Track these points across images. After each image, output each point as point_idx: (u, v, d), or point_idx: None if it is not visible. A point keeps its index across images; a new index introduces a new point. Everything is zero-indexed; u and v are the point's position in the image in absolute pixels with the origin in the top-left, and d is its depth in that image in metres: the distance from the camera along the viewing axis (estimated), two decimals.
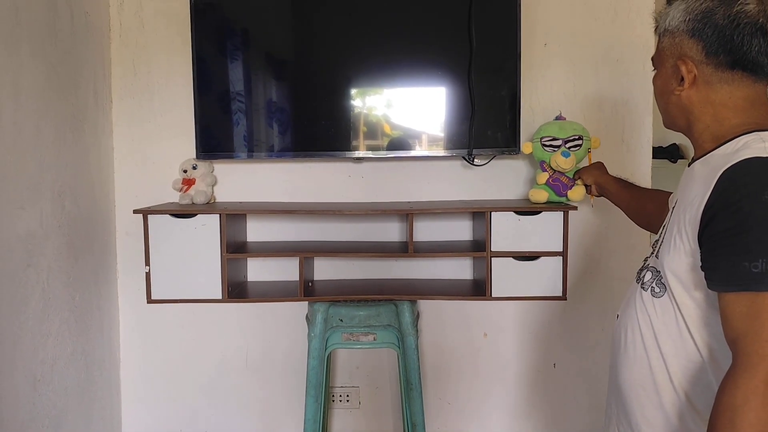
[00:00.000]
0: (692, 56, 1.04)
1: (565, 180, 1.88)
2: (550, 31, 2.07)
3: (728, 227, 0.92)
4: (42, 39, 1.73)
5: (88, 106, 1.98)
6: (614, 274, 2.12)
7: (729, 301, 0.92)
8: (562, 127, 1.88)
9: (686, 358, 1.03)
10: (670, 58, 1.08)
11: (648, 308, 1.09)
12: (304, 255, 1.89)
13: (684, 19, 1.04)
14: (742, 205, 0.91)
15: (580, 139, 1.86)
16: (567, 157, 1.83)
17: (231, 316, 2.19)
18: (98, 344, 2.06)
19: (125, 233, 2.15)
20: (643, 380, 1.09)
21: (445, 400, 2.22)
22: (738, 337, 0.90)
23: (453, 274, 2.15)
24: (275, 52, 2.01)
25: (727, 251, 0.92)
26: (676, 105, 1.10)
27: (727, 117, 1.04)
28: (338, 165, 2.13)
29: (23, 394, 1.65)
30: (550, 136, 1.87)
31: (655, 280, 1.09)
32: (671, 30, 1.07)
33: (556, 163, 1.85)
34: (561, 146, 1.86)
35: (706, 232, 0.95)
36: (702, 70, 1.04)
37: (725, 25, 1.00)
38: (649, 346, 1.08)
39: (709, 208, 0.94)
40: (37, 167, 1.71)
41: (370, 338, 1.92)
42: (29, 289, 1.69)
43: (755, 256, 0.88)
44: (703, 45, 1.02)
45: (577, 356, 2.18)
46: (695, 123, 1.08)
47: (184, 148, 2.09)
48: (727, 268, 0.92)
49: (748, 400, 0.86)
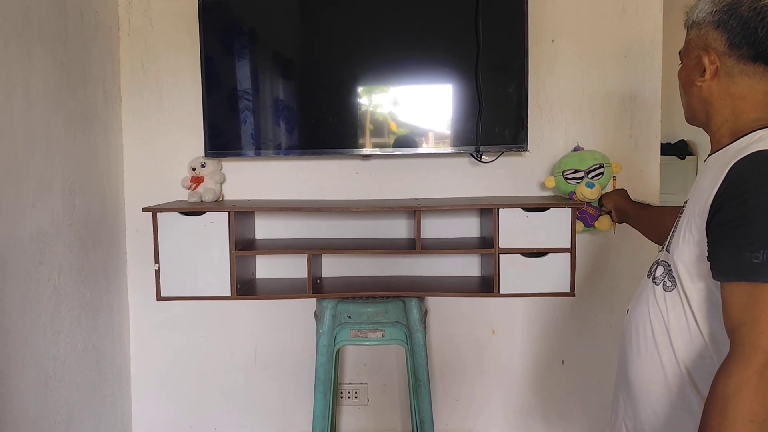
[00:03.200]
0: (716, 48, 1.05)
1: (591, 211, 1.92)
2: (557, 28, 2.07)
3: (733, 218, 0.93)
4: (52, 38, 1.75)
5: (97, 104, 1.99)
6: (623, 270, 2.12)
7: (729, 291, 0.93)
8: (582, 158, 1.91)
9: (696, 353, 1.04)
10: (695, 50, 1.10)
11: (659, 303, 1.09)
12: (312, 252, 1.90)
13: (711, 11, 1.06)
14: (748, 197, 0.92)
15: (601, 167, 1.89)
16: (592, 188, 1.87)
17: (240, 313, 2.20)
18: (109, 341, 2.08)
19: (135, 230, 2.17)
20: (654, 375, 1.10)
21: (454, 397, 2.22)
22: (735, 327, 0.91)
23: (461, 270, 2.15)
24: (282, 51, 2.01)
25: (730, 242, 0.93)
26: (697, 97, 1.11)
27: (746, 111, 1.05)
28: (345, 162, 2.13)
29: (35, 391, 1.67)
30: (572, 169, 1.91)
31: (667, 275, 1.09)
32: (698, 22, 1.09)
33: (582, 195, 1.88)
34: (584, 177, 1.88)
35: (712, 223, 0.96)
36: (724, 62, 1.05)
37: (750, 17, 1.01)
38: (660, 341, 1.08)
39: (717, 198, 0.96)
40: (48, 165, 1.73)
41: (378, 335, 1.92)
42: (41, 286, 1.70)
43: (757, 247, 0.89)
44: (727, 37, 1.04)
45: (585, 353, 2.18)
46: (714, 116, 1.09)
47: (193, 146, 2.10)
48: (728, 259, 0.93)
49: (739, 389, 0.87)
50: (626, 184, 2.00)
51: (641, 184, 2.07)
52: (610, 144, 2.08)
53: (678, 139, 4.15)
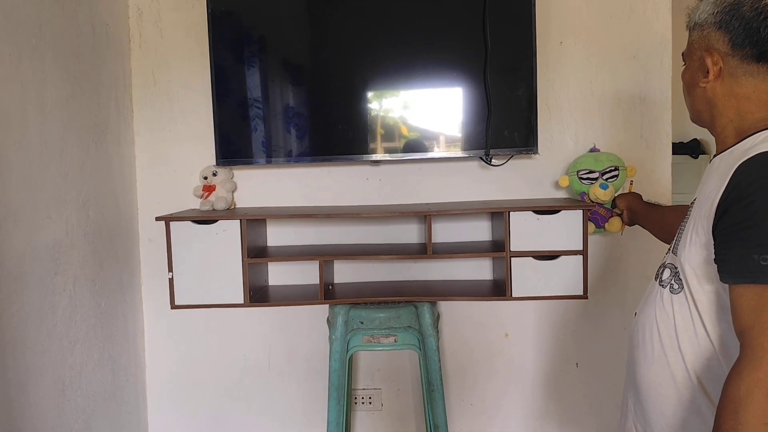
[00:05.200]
0: (719, 48, 1.05)
1: (603, 212, 1.92)
2: (565, 29, 2.06)
3: (740, 220, 0.92)
4: (65, 52, 1.78)
5: (110, 116, 2.02)
6: (635, 271, 2.10)
7: (738, 294, 0.93)
8: (597, 159, 1.92)
9: (704, 356, 1.03)
10: (698, 51, 1.10)
11: (666, 306, 1.09)
12: (323, 258, 1.91)
13: (712, 12, 1.06)
14: (754, 198, 0.91)
15: (616, 170, 1.90)
16: (606, 189, 1.87)
17: (253, 321, 2.21)
18: (124, 349, 2.10)
19: (148, 240, 2.19)
20: (662, 378, 1.09)
21: (468, 402, 2.22)
22: (745, 330, 0.91)
23: (472, 274, 2.15)
24: (292, 58, 2.03)
25: (737, 244, 0.92)
26: (701, 98, 1.11)
27: (750, 111, 1.04)
28: (356, 168, 2.14)
29: (52, 400, 1.69)
30: (587, 169, 1.91)
31: (674, 277, 1.09)
32: (700, 23, 1.09)
33: (596, 196, 1.88)
34: (598, 178, 1.89)
35: (719, 225, 0.96)
36: (728, 63, 1.05)
37: (752, 17, 1.01)
38: (667, 344, 1.08)
39: (723, 200, 0.95)
40: (62, 178, 1.76)
41: (391, 340, 1.92)
42: (57, 296, 1.73)
43: (765, 249, 0.89)
44: (729, 37, 1.04)
45: (599, 355, 2.16)
46: (718, 117, 1.09)
47: (204, 155, 2.12)
48: (736, 261, 0.92)
49: (751, 392, 0.86)
50: (638, 184, 1.99)
51: (653, 184, 2.06)
52: (621, 145, 2.07)
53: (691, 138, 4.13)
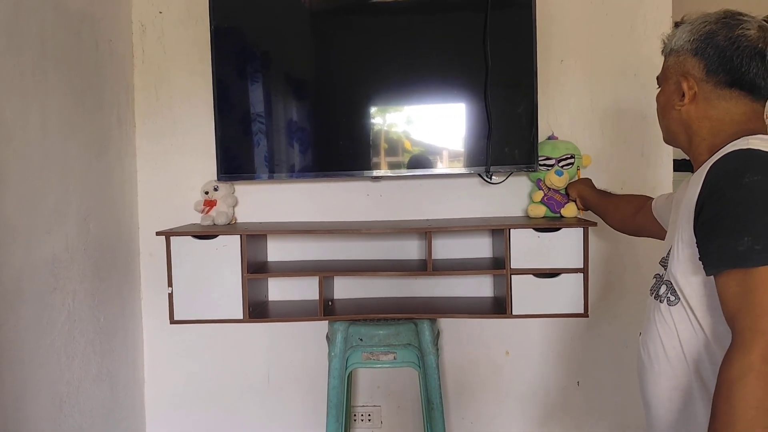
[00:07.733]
0: (694, 74, 1.12)
1: (558, 198, 1.98)
2: (566, 47, 2.07)
3: (714, 213, 0.97)
4: (68, 67, 1.79)
5: (111, 130, 2.03)
6: (637, 289, 2.09)
7: (722, 282, 0.96)
8: (555, 147, 1.99)
9: (710, 360, 1.04)
10: (674, 76, 1.16)
11: (667, 318, 1.11)
12: (323, 274, 1.90)
13: (689, 39, 1.12)
14: (725, 191, 0.96)
15: (572, 158, 1.98)
16: (560, 175, 1.95)
17: (253, 336, 2.20)
18: (123, 365, 2.08)
19: (149, 254, 2.19)
20: (670, 392, 1.10)
21: (468, 420, 2.20)
22: (733, 315, 0.93)
23: (473, 291, 2.14)
24: (294, 73, 2.03)
25: (714, 235, 0.96)
26: (676, 120, 1.17)
27: (723, 129, 1.10)
28: (357, 184, 2.14)
29: (49, 415, 1.68)
30: (544, 156, 1.98)
31: (670, 291, 1.11)
32: (676, 49, 1.15)
33: (551, 182, 1.96)
34: (554, 165, 1.95)
35: (698, 223, 1.00)
36: (702, 88, 1.11)
37: (726, 47, 1.07)
38: (672, 356, 1.09)
39: (699, 200, 1.00)
40: (63, 191, 1.76)
41: (390, 357, 1.91)
42: (56, 311, 1.72)
43: (740, 235, 0.92)
44: (704, 64, 1.10)
45: (601, 374, 2.15)
46: (693, 137, 1.14)
47: (206, 170, 2.12)
48: (716, 251, 0.96)
49: (743, 374, 0.88)
50: None
51: None
52: (622, 162, 2.07)
53: None
